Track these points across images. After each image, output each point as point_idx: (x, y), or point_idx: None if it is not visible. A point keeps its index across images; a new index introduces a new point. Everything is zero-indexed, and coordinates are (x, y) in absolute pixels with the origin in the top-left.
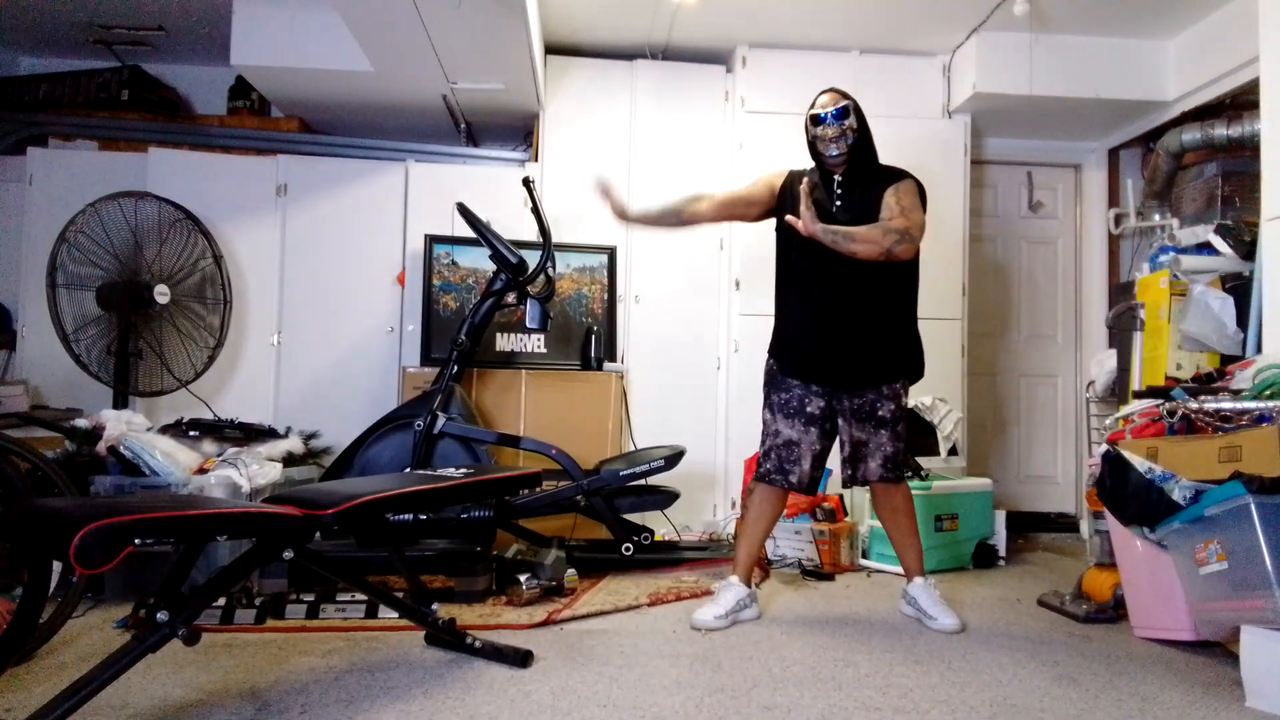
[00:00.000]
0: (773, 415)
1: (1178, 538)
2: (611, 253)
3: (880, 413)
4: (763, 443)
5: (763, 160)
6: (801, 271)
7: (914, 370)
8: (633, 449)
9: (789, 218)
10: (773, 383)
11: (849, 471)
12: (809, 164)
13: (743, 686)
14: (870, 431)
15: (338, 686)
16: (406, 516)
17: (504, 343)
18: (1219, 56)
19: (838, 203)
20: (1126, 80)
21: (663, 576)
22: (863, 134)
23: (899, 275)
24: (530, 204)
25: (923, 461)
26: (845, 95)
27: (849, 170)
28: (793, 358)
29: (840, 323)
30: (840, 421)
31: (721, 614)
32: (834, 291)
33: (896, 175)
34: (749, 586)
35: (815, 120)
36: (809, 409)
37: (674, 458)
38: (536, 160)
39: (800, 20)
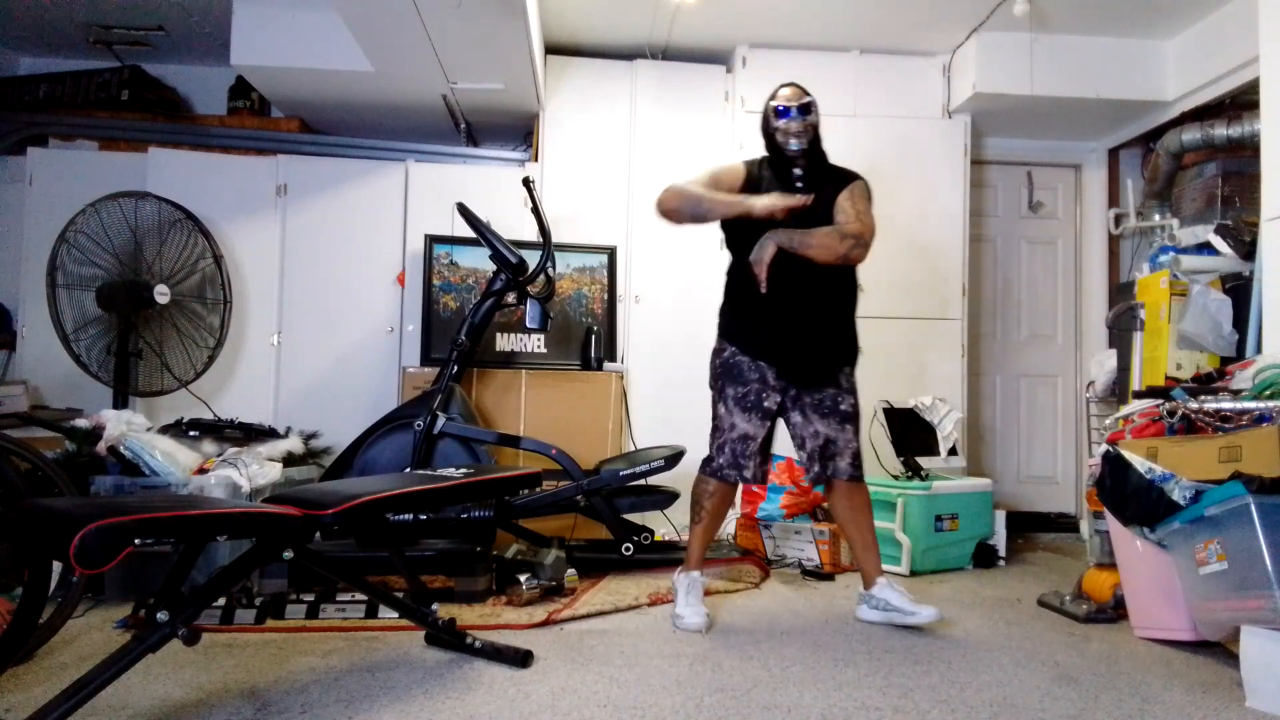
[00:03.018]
0: (728, 409)
1: (1178, 538)
2: (611, 253)
3: (843, 407)
4: (715, 437)
5: None
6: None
7: (855, 358)
8: (633, 449)
9: (753, 259)
10: (729, 376)
11: (816, 469)
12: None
13: (743, 686)
14: (837, 428)
15: (338, 686)
16: (406, 516)
17: (504, 343)
18: (1219, 56)
19: (798, 190)
20: (1126, 80)
21: (663, 576)
22: (817, 130)
23: (847, 270)
24: (530, 204)
25: (923, 461)
26: (806, 91)
27: (808, 165)
28: (754, 342)
29: (798, 313)
30: (797, 417)
31: (698, 608)
32: (791, 283)
33: (849, 177)
34: (702, 574)
35: (778, 113)
36: (765, 404)
37: (674, 458)
38: (536, 160)
39: (800, 20)
